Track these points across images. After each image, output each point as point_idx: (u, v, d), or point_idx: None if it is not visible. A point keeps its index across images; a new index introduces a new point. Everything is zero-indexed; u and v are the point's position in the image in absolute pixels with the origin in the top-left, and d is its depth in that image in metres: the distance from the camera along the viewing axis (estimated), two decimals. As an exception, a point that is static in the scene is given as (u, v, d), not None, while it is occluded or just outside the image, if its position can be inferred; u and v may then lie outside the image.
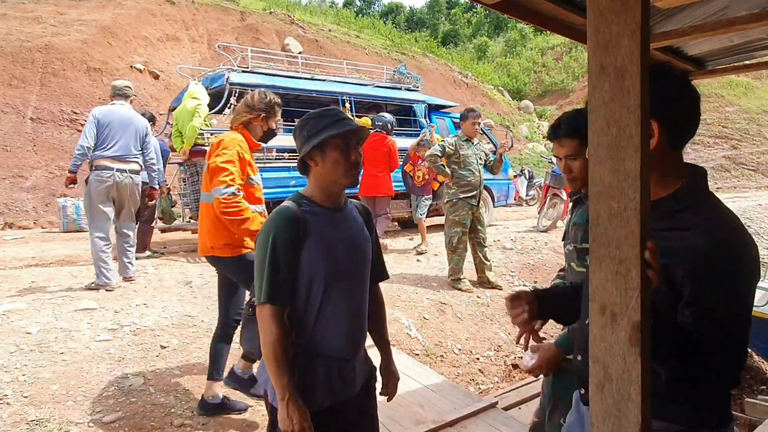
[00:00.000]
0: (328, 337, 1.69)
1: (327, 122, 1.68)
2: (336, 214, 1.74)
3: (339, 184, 1.72)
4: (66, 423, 2.77)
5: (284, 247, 1.60)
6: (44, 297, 4.31)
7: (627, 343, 1.02)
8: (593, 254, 1.07)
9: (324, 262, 1.65)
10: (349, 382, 1.75)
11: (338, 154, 1.67)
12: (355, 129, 1.69)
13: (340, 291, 1.69)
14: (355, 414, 1.80)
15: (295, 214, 1.64)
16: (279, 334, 1.58)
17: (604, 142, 1.04)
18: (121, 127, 4.74)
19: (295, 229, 1.62)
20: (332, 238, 1.69)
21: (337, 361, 1.71)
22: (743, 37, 3.32)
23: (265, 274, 1.60)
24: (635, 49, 1.00)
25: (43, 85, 11.73)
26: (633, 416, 1.02)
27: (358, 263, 1.77)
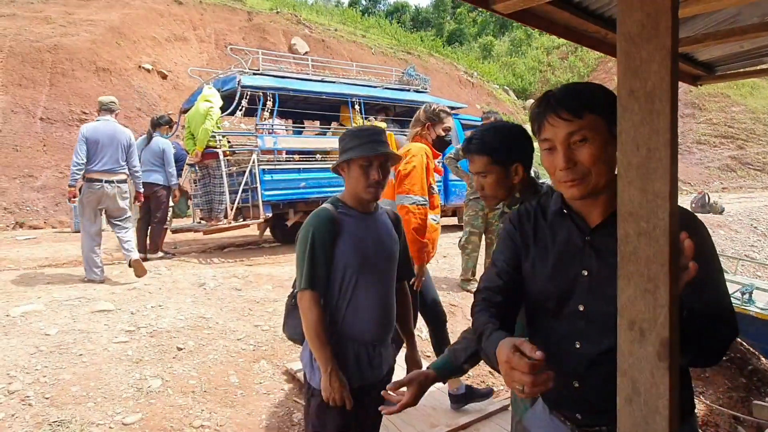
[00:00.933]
0: (358, 323, 1.94)
1: (359, 142, 1.91)
2: (367, 217, 2.00)
3: (362, 197, 1.96)
4: (87, 424, 2.82)
5: (321, 242, 1.86)
6: (61, 298, 4.37)
7: (655, 357, 1.06)
8: (622, 271, 1.10)
9: (355, 256, 1.90)
10: (377, 367, 1.99)
11: (360, 173, 1.92)
12: (380, 154, 1.91)
13: (369, 283, 1.94)
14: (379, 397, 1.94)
15: (331, 215, 1.91)
16: (318, 314, 1.85)
17: (634, 163, 1.08)
18: (107, 143, 5.24)
19: (330, 228, 1.89)
20: (363, 237, 1.95)
21: (366, 346, 1.96)
22: (754, 43, 3.34)
23: (305, 264, 1.85)
24: (665, 74, 1.04)
25: (53, 85, 11.81)
26: (661, 429, 1.05)
27: (385, 260, 2.01)
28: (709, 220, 9.47)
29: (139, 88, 12.95)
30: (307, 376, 1.98)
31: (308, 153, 7.34)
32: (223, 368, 3.49)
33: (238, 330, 3.98)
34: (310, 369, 1.95)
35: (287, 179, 6.84)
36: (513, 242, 1.41)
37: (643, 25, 1.06)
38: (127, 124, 12.00)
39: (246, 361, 3.61)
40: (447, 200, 8.92)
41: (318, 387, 1.89)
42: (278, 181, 6.74)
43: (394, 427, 3.14)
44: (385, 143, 1.98)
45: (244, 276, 5.16)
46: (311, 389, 1.95)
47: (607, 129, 1.19)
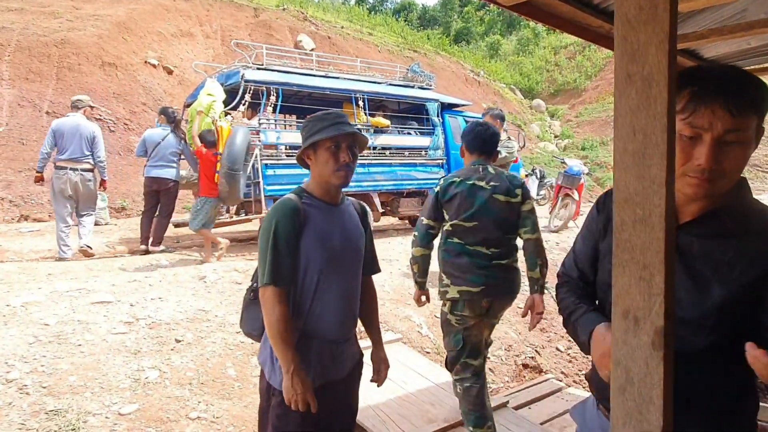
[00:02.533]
0: (322, 320, 1.85)
1: (323, 125, 1.84)
2: (333, 209, 1.91)
3: (329, 183, 1.87)
4: (84, 413, 2.82)
5: (285, 234, 1.76)
6: (61, 289, 4.38)
7: (650, 346, 1.04)
8: (617, 259, 1.08)
9: (319, 250, 1.81)
10: (340, 364, 1.92)
11: (328, 155, 1.83)
12: (347, 133, 1.83)
13: (334, 278, 1.85)
14: (343, 394, 1.95)
15: (296, 206, 1.81)
16: (281, 312, 1.73)
17: (630, 149, 1.06)
18: (71, 135, 5.97)
19: (295, 219, 1.79)
20: (328, 229, 1.85)
21: (329, 343, 1.88)
22: (761, 40, 3.30)
23: (268, 258, 1.75)
24: (663, 57, 1.01)
25: (59, 80, 11.84)
26: (654, 419, 1.03)
27: (351, 254, 1.93)
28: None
29: (145, 83, 12.97)
30: (267, 374, 1.88)
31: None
32: (220, 360, 3.48)
33: (237, 323, 3.96)
34: (271, 367, 1.85)
35: (289, 174, 6.83)
36: (592, 227, 1.39)
37: (641, 7, 1.04)
38: (132, 119, 12.07)
39: (244, 354, 3.61)
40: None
41: (279, 387, 1.79)
42: (280, 176, 6.73)
43: (392, 422, 3.12)
44: (350, 124, 1.89)
45: (245, 270, 5.16)
46: (271, 389, 1.84)
47: (755, 134, 1.12)
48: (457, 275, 2.76)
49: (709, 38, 2.92)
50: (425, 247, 2.88)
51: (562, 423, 3.54)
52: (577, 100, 25.78)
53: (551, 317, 5.45)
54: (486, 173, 2.79)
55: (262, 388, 1.92)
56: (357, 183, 7.43)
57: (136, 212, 10.43)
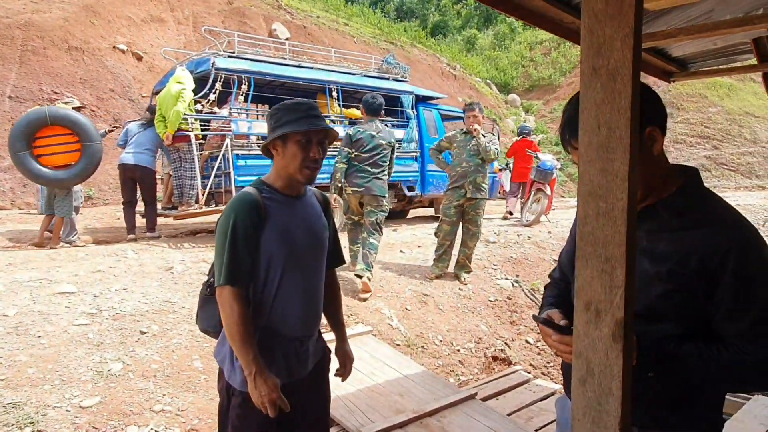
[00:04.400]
0: (284, 318, 1.78)
1: (295, 116, 1.74)
2: (295, 202, 1.82)
3: (294, 178, 1.78)
4: (43, 407, 2.74)
5: (244, 231, 1.67)
6: (22, 279, 4.24)
7: (610, 339, 1.05)
8: (580, 252, 1.09)
9: (281, 247, 1.73)
10: (304, 362, 1.85)
11: (297, 149, 1.73)
12: (319, 129, 1.76)
13: (297, 274, 1.78)
14: (308, 391, 1.89)
15: (255, 200, 1.71)
16: (241, 312, 1.65)
17: (595, 143, 1.06)
18: None
19: (254, 214, 1.69)
20: (290, 224, 1.77)
21: (293, 341, 1.81)
22: (726, 41, 3.38)
23: (225, 256, 1.66)
24: (628, 52, 1.02)
25: (23, 63, 11.42)
26: (613, 410, 1.04)
27: (314, 249, 1.85)
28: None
29: (113, 68, 12.61)
30: (226, 373, 1.78)
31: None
32: (187, 352, 3.43)
33: (205, 315, 3.90)
34: (230, 366, 1.76)
35: (261, 165, 6.73)
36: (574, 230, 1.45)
37: (608, 2, 1.04)
38: (100, 105, 11.73)
39: (211, 346, 3.55)
40: (424, 191, 8.92)
41: (239, 387, 1.72)
42: (252, 167, 6.64)
43: (360, 413, 3.12)
44: (322, 118, 1.80)
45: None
46: (231, 388, 1.76)
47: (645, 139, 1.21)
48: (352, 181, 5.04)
49: (676, 37, 2.97)
50: (344, 164, 5.03)
51: (529, 414, 3.60)
52: (551, 96, 26.07)
53: (521, 310, 5.52)
54: (377, 127, 5.18)
55: (221, 387, 1.84)
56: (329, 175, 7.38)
57: (103, 201, 10.18)
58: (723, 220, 1.19)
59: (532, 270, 6.45)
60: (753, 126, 20.60)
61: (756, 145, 20.02)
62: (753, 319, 1.13)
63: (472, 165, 5.42)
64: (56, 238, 6.03)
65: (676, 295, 1.18)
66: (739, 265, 1.12)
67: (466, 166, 5.43)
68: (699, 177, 1.28)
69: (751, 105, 21.23)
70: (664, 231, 1.21)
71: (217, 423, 1.90)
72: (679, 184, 1.25)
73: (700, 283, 1.15)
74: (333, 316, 2.10)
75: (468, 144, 5.47)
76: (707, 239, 1.15)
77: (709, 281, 1.15)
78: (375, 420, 3.04)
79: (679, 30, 2.95)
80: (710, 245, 1.15)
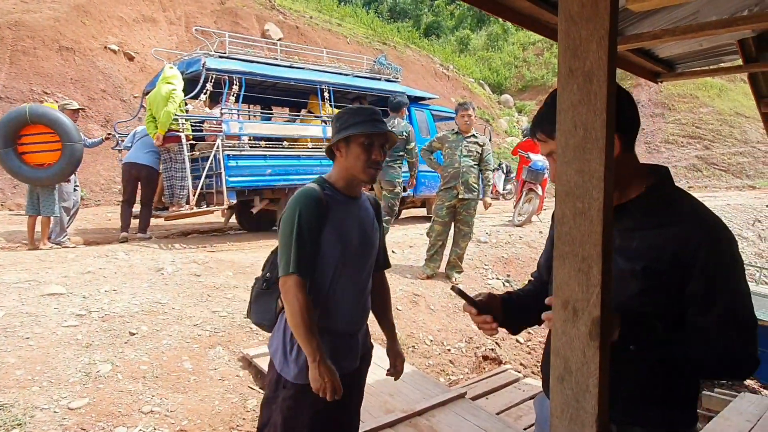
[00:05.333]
0: (335, 313, 1.87)
1: (359, 119, 1.84)
2: (352, 202, 1.92)
3: (357, 179, 1.88)
4: (31, 408, 2.73)
5: (308, 224, 1.76)
6: (10, 281, 4.21)
7: (587, 337, 1.06)
8: (558, 251, 1.10)
9: (337, 244, 1.82)
10: (353, 356, 1.95)
11: (360, 150, 1.83)
12: (382, 132, 1.85)
13: (349, 272, 1.87)
14: (353, 385, 1.97)
15: (318, 195, 1.81)
16: (305, 302, 1.73)
17: (572, 144, 1.07)
18: None
19: (318, 210, 1.79)
20: (347, 222, 1.86)
21: (343, 336, 1.90)
22: (712, 42, 3.41)
23: (292, 247, 1.74)
24: (603, 54, 1.03)
25: (13, 63, 11.34)
26: (590, 407, 1.05)
27: (366, 249, 1.93)
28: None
29: (105, 69, 12.55)
30: (277, 365, 1.85)
31: (275, 140, 7.23)
32: (176, 354, 3.42)
33: (195, 316, 3.90)
34: (282, 359, 1.84)
35: (252, 165, 6.72)
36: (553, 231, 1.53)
37: (583, 4, 1.05)
38: (91, 106, 11.67)
39: (201, 347, 3.55)
40: (416, 191, 8.93)
41: (293, 380, 1.80)
42: (243, 167, 6.63)
43: (350, 413, 3.12)
44: (384, 123, 1.91)
45: (205, 262, 5.07)
46: (282, 380, 1.83)
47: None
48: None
49: (662, 38, 2.99)
50: None
51: (518, 413, 3.62)
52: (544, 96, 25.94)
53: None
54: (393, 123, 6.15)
55: (270, 378, 1.91)
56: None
57: (94, 202, 10.13)
58: (693, 216, 1.21)
59: (523, 270, 6.48)
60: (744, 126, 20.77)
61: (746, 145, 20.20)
62: (719, 312, 1.16)
63: (464, 166, 5.44)
64: (44, 238, 6.00)
65: (652, 292, 1.20)
66: (708, 261, 1.16)
67: (458, 166, 5.44)
68: (669, 176, 1.31)
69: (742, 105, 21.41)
70: (637, 229, 1.24)
71: (259, 414, 1.95)
72: (649, 183, 1.28)
73: (674, 279, 1.18)
74: (383, 317, 2.18)
75: (460, 144, 5.49)
76: (679, 236, 1.18)
77: (682, 276, 1.17)
78: (365, 420, 3.04)
79: (664, 31, 2.97)
80: (682, 241, 1.17)
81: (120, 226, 6.80)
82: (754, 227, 11.45)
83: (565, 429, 1.10)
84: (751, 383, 6.25)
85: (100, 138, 7.48)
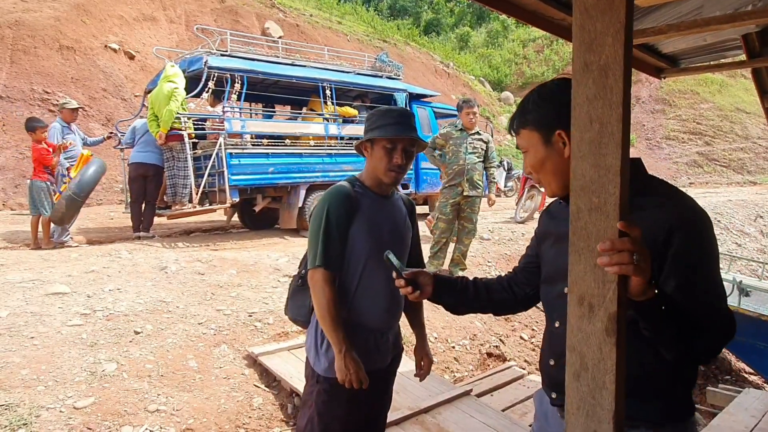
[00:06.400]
0: (366, 309, 1.89)
1: (385, 122, 1.84)
2: (383, 201, 1.93)
3: (381, 180, 1.89)
4: (37, 408, 2.73)
5: (337, 220, 1.80)
6: (14, 280, 4.21)
7: (603, 333, 1.05)
8: (573, 247, 1.09)
9: (367, 240, 1.84)
10: (384, 353, 1.96)
11: (383, 154, 1.84)
12: (405, 137, 1.84)
13: (380, 268, 1.85)
14: (383, 383, 2.00)
15: (348, 193, 1.84)
16: (332, 294, 1.78)
17: (587, 138, 1.06)
18: None
19: (347, 206, 1.82)
20: (378, 220, 1.89)
21: (373, 332, 1.91)
22: (716, 37, 3.40)
23: (320, 241, 1.79)
24: (619, 47, 1.02)
25: (13, 63, 11.33)
26: (607, 404, 1.05)
27: (397, 247, 1.89)
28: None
29: (105, 68, 12.54)
30: (311, 361, 1.91)
31: (277, 138, 7.22)
32: (181, 352, 3.41)
33: (199, 314, 3.90)
34: (315, 354, 1.89)
35: (255, 164, 6.71)
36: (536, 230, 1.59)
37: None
38: (92, 105, 11.66)
39: (206, 346, 3.55)
40: (419, 189, 8.92)
41: (324, 373, 1.84)
42: (246, 166, 6.62)
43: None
44: (413, 127, 1.89)
45: (208, 260, 5.06)
46: (316, 375, 1.88)
47: (541, 142, 1.31)
48: None
49: (667, 33, 2.98)
50: None
51: (523, 409, 3.61)
52: (544, 93, 26.12)
53: (515, 307, 5.53)
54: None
55: (307, 374, 1.96)
56: (324, 173, 7.38)
57: (96, 201, 10.12)
58: (669, 200, 1.21)
59: (527, 267, 6.46)
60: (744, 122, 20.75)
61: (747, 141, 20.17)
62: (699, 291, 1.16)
63: (470, 163, 5.42)
64: (46, 238, 5.99)
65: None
66: (682, 248, 1.15)
67: (463, 163, 5.41)
68: (642, 165, 1.33)
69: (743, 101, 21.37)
70: None
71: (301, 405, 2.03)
72: None
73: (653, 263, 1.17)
74: (414, 317, 2.16)
75: (464, 141, 5.46)
76: (654, 219, 1.17)
77: (660, 259, 1.17)
78: (371, 417, 3.05)
79: (669, 26, 2.96)
80: (657, 225, 1.17)
81: (132, 227, 6.87)
82: (756, 223, 11.43)
83: (581, 426, 1.09)
84: (755, 379, 6.25)
85: (102, 137, 7.47)
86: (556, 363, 1.36)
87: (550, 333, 1.42)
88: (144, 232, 6.77)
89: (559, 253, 1.37)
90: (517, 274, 1.62)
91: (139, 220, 6.81)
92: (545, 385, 1.44)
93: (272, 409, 3.21)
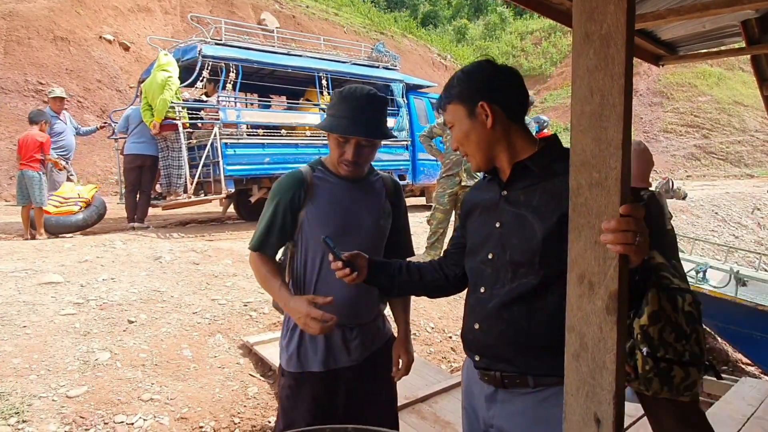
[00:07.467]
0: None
1: (340, 113, 1.68)
2: (350, 185, 1.78)
3: (337, 168, 1.76)
4: (29, 397, 2.70)
5: (283, 208, 1.72)
6: (6, 270, 4.17)
7: (604, 311, 1.02)
8: (573, 223, 1.06)
9: (325, 226, 1.69)
10: (353, 350, 1.78)
11: (335, 145, 1.72)
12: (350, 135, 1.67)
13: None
14: (363, 381, 1.82)
15: (302, 178, 1.74)
16: (266, 268, 1.75)
17: (587, 111, 1.03)
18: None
19: (298, 191, 1.72)
20: (338, 205, 1.74)
21: (338, 327, 1.71)
22: (715, 24, 3.36)
23: (261, 225, 1.75)
24: (621, 15, 0.98)
25: (7, 54, 11.22)
26: (607, 384, 1.02)
27: (366, 233, 1.77)
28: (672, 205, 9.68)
29: (100, 59, 12.43)
30: (282, 361, 1.82)
31: (273, 128, 7.16)
32: (176, 341, 3.38)
33: (194, 304, 3.86)
34: (281, 349, 1.82)
35: (250, 154, 6.66)
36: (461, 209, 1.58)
37: (601, -38, 1.00)
38: (87, 96, 11.56)
39: (201, 335, 3.52)
40: (415, 179, 8.88)
41: (286, 367, 1.77)
42: (241, 156, 6.57)
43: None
44: (371, 121, 1.69)
45: (203, 250, 5.02)
46: (281, 369, 1.82)
47: (465, 115, 1.34)
48: None
49: (666, 18, 2.94)
50: None
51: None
52: (542, 86, 26.07)
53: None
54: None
55: (278, 372, 1.92)
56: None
57: (91, 193, 10.05)
58: None
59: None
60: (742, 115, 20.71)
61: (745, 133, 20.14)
62: None
63: None
64: (39, 228, 5.94)
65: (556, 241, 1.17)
66: None
67: (460, 154, 5.37)
68: (558, 139, 1.38)
69: (740, 94, 21.32)
70: (536, 183, 1.30)
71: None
72: (541, 146, 1.35)
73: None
74: (398, 310, 1.99)
75: None
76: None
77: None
78: (367, 406, 3.03)
79: (669, 11, 2.92)
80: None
81: (127, 217, 6.81)
82: (753, 215, 11.44)
83: (580, 407, 1.06)
84: (752, 369, 6.26)
85: (94, 126, 7.41)
86: (480, 326, 1.37)
87: (475, 299, 1.41)
88: (139, 223, 6.72)
89: (484, 222, 1.40)
90: (447, 257, 1.61)
91: (133, 210, 6.76)
92: (468, 349, 1.44)
93: (267, 398, 3.18)
